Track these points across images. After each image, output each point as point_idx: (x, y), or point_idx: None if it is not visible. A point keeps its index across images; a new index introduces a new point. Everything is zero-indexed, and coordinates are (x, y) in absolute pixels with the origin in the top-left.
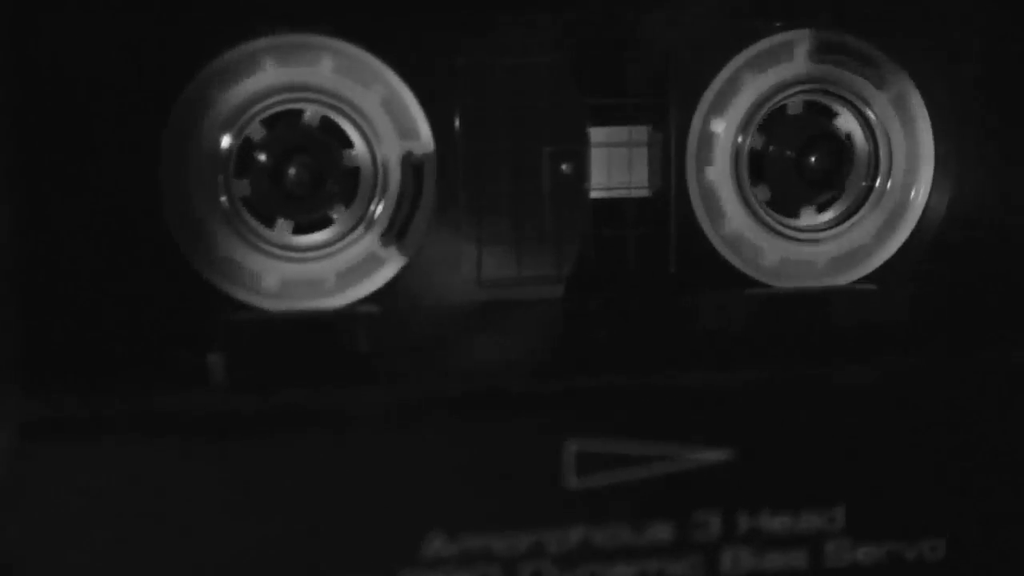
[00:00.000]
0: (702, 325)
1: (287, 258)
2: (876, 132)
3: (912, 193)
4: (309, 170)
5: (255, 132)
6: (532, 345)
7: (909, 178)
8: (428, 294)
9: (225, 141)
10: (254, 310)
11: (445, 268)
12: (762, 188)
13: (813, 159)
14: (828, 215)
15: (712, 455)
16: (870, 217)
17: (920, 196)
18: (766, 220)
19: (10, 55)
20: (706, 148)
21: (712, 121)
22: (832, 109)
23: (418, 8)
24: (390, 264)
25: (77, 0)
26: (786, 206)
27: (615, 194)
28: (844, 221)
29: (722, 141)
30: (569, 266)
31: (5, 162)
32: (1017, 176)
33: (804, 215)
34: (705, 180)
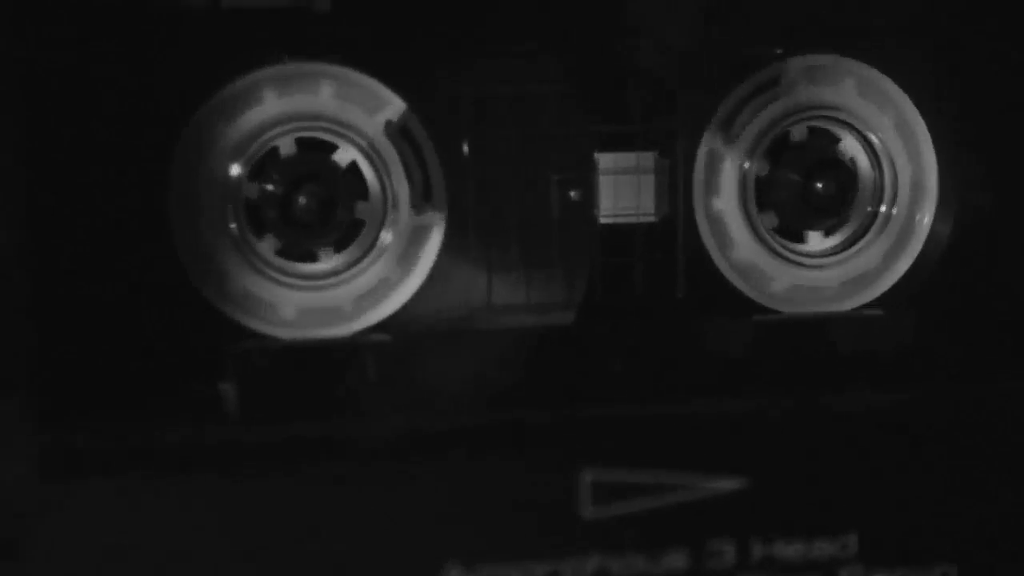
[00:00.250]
0: (710, 350)
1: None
2: (881, 157)
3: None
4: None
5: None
6: (541, 372)
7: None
8: (439, 321)
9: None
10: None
11: (455, 295)
12: (769, 215)
13: (819, 184)
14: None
15: (725, 483)
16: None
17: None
18: (773, 246)
19: (19, 93)
20: (713, 174)
21: (719, 147)
22: (835, 134)
23: (427, 38)
24: (401, 290)
25: (84, 31)
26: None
27: (623, 220)
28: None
29: (728, 167)
30: (578, 293)
31: (16, 198)
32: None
33: (811, 240)
34: (713, 207)
